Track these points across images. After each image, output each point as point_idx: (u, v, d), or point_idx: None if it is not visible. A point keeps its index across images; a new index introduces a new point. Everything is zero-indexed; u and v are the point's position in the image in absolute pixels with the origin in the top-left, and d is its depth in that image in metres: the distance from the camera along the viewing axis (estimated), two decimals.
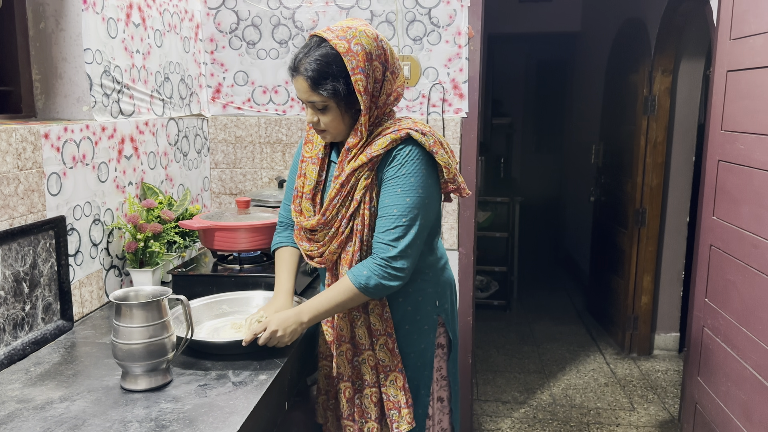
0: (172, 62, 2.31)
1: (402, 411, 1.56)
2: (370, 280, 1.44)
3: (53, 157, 1.65)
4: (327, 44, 1.40)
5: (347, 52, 1.39)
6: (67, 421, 1.19)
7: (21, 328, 1.52)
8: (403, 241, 1.44)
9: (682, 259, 3.72)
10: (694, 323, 2.33)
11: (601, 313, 4.26)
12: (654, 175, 3.61)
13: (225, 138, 2.64)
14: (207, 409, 1.24)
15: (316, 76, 1.39)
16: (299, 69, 1.42)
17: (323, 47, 1.40)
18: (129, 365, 1.30)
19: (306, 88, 1.42)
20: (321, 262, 1.56)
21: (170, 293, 1.34)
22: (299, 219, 1.57)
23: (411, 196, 1.44)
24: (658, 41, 3.45)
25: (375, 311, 1.54)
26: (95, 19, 1.84)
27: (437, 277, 1.63)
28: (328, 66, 1.39)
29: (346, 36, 1.40)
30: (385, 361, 1.56)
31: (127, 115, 2.03)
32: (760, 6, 1.88)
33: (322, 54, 1.39)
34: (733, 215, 2.04)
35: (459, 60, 2.44)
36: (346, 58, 1.39)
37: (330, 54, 1.39)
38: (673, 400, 3.23)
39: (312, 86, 1.41)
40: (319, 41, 1.41)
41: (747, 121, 1.95)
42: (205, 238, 1.95)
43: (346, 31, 1.41)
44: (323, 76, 1.39)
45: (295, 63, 1.43)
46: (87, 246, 1.81)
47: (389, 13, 2.46)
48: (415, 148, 1.45)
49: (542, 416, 3.07)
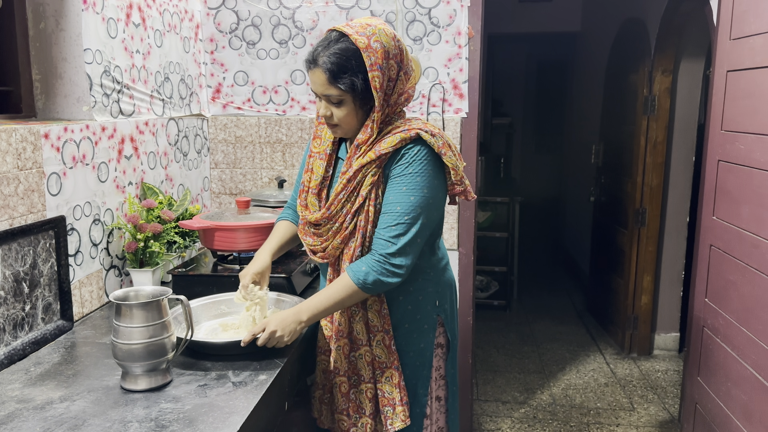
0: (172, 62, 2.31)
1: (396, 408, 1.56)
2: (369, 276, 1.44)
3: (53, 157, 1.65)
4: (347, 39, 1.41)
5: (367, 48, 1.39)
6: (67, 421, 1.19)
7: (21, 328, 1.52)
8: (403, 238, 1.44)
9: (682, 259, 3.72)
10: (694, 323, 2.33)
11: (601, 313, 4.26)
12: (654, 175, 3.61)
13: (225, 138, 2.64)
14: (207, 409, 1.24)
15: (335, 69, 1.40)
16: (318, 61, 1.42)
17: (343, 42, 1.41)
18: (129, 365, 1.30)
19: (324, 81, 1.42)
20: (324, 257, 1.56)
21: (170, 293, 1.34)
22: (304, 213, 1.58)
23: (415, 195, 1.44)
24: (658, 41, 3.45)
25: (373, 307, 1.55)
26: (95, 19, 1.84)
27: (438, 277, 1.64)
28: (348, 60, 1.40)
29: (366, 32, 1.41)
30: (381, 357, 1.56)
31: (127, 115, 2.03)
32: (760, 6, 1.88)
33: (342, 48, 1.40)
34: (733, 215, 2.04)
35: (459, 60, 2.44)
36: (365, 54, 1.39)
37: (350, 49, 1.40)
38: (673, 400, 3.23)
39: (330, 79, 1.41)
40: (339, 36, 1.42)
41: (747, 121, 1.95)
42: (205, 238, 1.95)
43: (366, 27, 1.42)
44: (342, 69, 1.40)
45: (313, 55, 1.43)
46: (87, 246, 1.81)
47: (389, 13, 2.46)
48: (424, 148, 1.46)
49: (542, 416, 3.07)
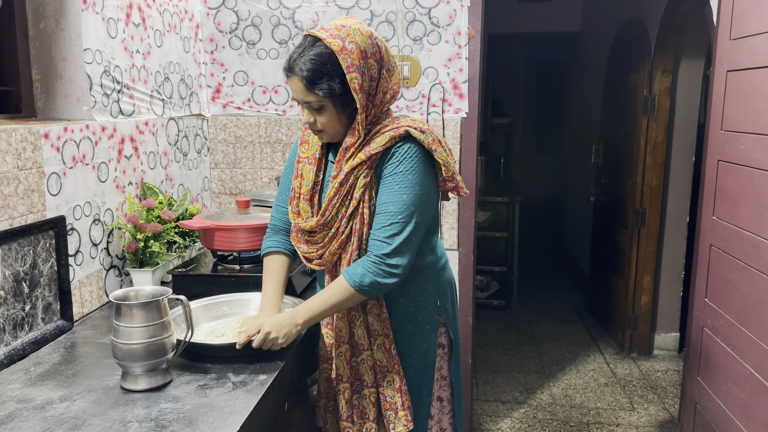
0: (172, 62, 2.31)
1: (399, 413, 1.54)
2: (365, 277, 1.42)
3: (53, 157, 1.65)
4: (321, 43, 1.39)
5: (342, 50, 1.37)
6: (67, 421, 1.19)
7: (21, 328, 1.52)
8: (399, 238, 1.42)
9: (682, 259, 3.72)
10: (694, 323, 2.33)
11: (601, 313, 4.26)
12: (654, 175, 3.61)
13: (225, 138, 2.64)
14: (207, 409, 1.24)
15: (311, 75, 1.38)
16: (294, 69, 1.40)
17: (317, 46, 1.39)
18: (129, 365, 1.30)
19: (301, 89, 1.41)
20: (320, 264, 1.54)
21: (170, 293, 1.34)
22: (297, 220, 1.55)
23: (408, 194, 1.43)
24: (658, 41, 3.45)
25: (373, 311, 1.53)
26: (95, 19, 1.84)
27: (438, 277, 1.62)
28: (323, 65, 1.38)
29: (340, 34, 1.39)
30: (382, 361, 1.55)
31: (127, 115, 2.03)
32: (760, 6, 1.88)
33: (316, 53, 1.38)
34: (733, 215, 2.04)
35: (459, 60, 2.44)
36: (340, 56, 1.37)
37: (324, 53, 1.38)
38: (673, 400, 3.23)
39: (307, 86, 1.39)
40: (313, 40, 1.40)
41: (747, 121, 1.95)
42: (205, 238, 1.95)
43: (340, 29, 1.40)
44: (318, 75, 1.38)
45: (289, 63, 1.42)
46: (87, 246, 1.81)
47: (389, 13, 2.46)
48: (414, 145, 1.44)
49: (542, 416, 3.07)
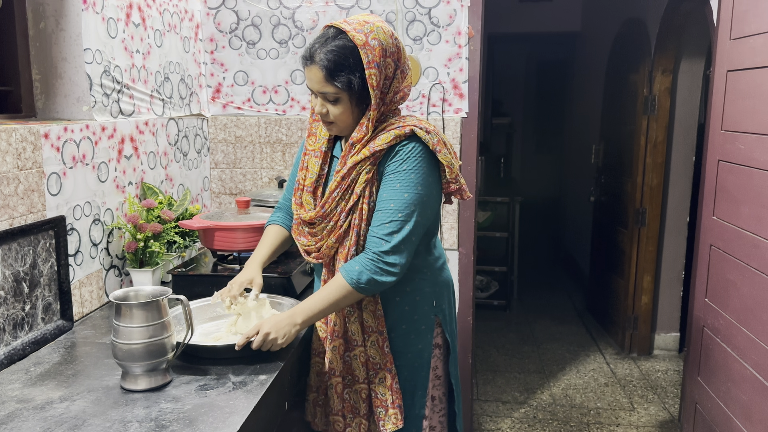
0: (172, 62, 2.31)
1: (389, 411, 1.55)
2: (362, 275, 1.42)
3: (53, 157, 1.65)
4: (344, 36, 1.39)
5: (364, 45, 1.38)
6: (67, 421, 1.19)
7: (21, 328, 1.52)
8: (397, 236, 1.42)
9: (682, 259, 3.72)
10: (694, 323, 2.33)
11: (601, 313, 4.26)
12: (654, 175, 3.61)
13: (225, 138, 2.64)
14: (207, 409, 1.24)
15: (332, 66, 1.38)
16: (315, 58, 1.40)
17: (341, 38, 1.39)
18: (129, 365, 1.30)
19: (320, 78, 1.40)
20: (318, 257, 1.55)
21: (170, 293, 1.34)
22: (299, 211, 1.56)
23: (410, 192, 1.43)
24: (658, 41, 3.45)
25: (368, 308, 1.53)
26: (95, 19, 1.84)
27: (435, 277, 1.62)
28: (345, 58, 1.38)
29: (363, 30, 1.39)
30: (375, 358, 1.55)
31: (127, 115, 2.03)
32: (760, 6, 1.88)
33: (339, 45, 1.38)
34: (733, 215, 2.04)
35: (459, 60, 2.44)
36: (363, 51, 1.37)
37: (348, 46, 1.38)
38: (673, 400, 3.23)
39: (327, 77, 1.39)
40: (337, 32, 1.40)
41: (747, 121, 1.95)
42: (205, 238, 1.95)
43: (363, 25, 1.40)
44: (339, 67, 1.38)
45: (310, 52, 1.41)
46: (87, 246, 1.81)
47: (389, 12, 2.46)
48: (418, 145, 1.44)
49: (542, 416, 3.07)
